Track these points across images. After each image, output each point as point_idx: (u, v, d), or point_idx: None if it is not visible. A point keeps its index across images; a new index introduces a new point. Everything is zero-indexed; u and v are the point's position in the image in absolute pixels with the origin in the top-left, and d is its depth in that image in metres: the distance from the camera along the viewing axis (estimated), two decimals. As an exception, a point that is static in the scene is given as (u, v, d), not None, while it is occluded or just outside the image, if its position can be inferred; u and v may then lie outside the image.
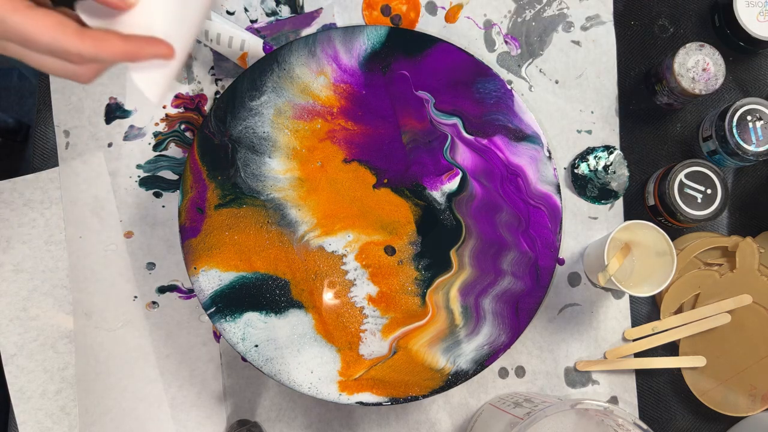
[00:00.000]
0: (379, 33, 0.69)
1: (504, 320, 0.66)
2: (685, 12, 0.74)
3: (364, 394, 0.64)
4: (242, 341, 0.65)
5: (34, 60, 0.41)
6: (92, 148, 0.72)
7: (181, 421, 0.69)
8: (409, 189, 0.69)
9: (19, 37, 0.38)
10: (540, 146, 0.68)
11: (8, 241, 0.70)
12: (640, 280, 0.67)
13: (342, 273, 0.67)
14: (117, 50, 0.39)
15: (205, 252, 0.66)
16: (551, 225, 0.67)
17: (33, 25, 0.38)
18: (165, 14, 0.41)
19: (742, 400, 0.68)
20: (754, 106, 0.66)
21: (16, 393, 0.69)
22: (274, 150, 0.68)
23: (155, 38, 0.41)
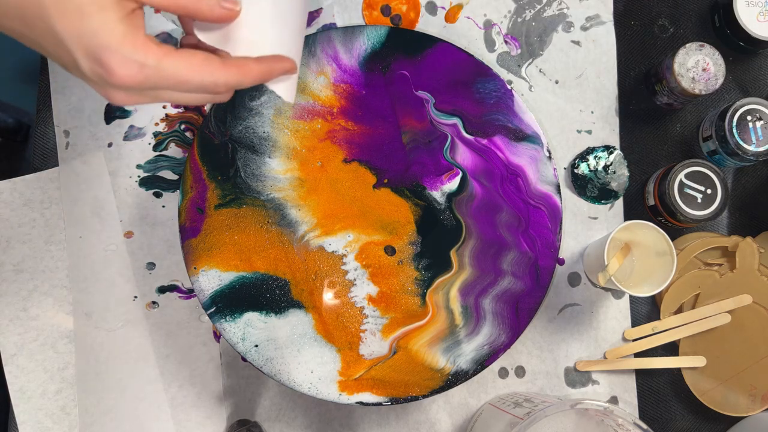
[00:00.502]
0: (379, 33, 0.69)
1: (504, 320, 0.66)
2: (685, 12, 0.74)
3: (364, 394, 0.64)
4: (242, 341, 0.65)
5: (183, 99, 0.41)
6: (92, 148, 0.72)
7: (181, 421, 0.69)
8: (409, 189, 0.69)
9: (175, 82, 0.39)
10: (540, 146, 0.68)
11: (8, 241, 0.70)
12: (640, 280, 0.67)
13: (342, 273, 0.67)
14: (255, 74, 0.41)
15: (205, 252, 0.66)
16: (551, 225, 0.67)
17: (186, 67, 0.39)
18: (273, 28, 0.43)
19: (742, 400, 0.68)
20: (754, 106, 0.66)
21: (16, 393, 0.69)
22: (274, 150, 0.68)
23: (280, 56, 0.43)
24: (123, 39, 0.37)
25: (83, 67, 0.37)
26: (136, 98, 0.40)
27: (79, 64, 0.37)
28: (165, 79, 0.38)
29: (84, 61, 0.37)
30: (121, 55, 0.37)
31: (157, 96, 0.40)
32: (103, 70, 0.37)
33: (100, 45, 0.36)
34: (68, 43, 0.36)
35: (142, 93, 0.40)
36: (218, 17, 0.41)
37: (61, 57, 0.38)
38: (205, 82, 0.40)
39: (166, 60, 0.38)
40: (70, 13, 0.36)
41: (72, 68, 0.39)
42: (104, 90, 0.39)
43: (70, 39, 0.36)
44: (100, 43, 0.36)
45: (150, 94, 0.40)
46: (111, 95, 0.40)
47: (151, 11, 0.72)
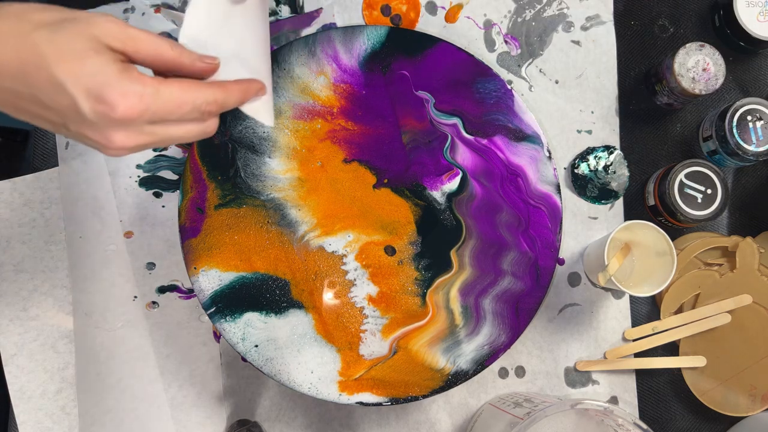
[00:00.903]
0: (379, 33, 0.69)
1: (504, 320, 0.66)
2: (685, 12, 0.74)
3: (364, 394, 0.64)
4: (242, 341, 0.65)
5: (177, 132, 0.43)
6: (92, 148, 0.72)
7: (181, 421, 0.69)
8: (409, 189, 0.69)
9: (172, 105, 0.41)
10: (540, 146, 0.68)
11: (8, 241, 0.70)
12: (640, 280, 0.67)
13: (342, 273, 0.67)
14: (236, 92, 0.45)
15: (205, 252, 0.66)
16: (551, 225, 0.67)
17: (179, 90, 0.41)
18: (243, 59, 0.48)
19: (742, 400, 0.68)
20: (754, 106, 0.66)
21: (16, 393, 0.69)
22: (274, 150, 0.68)
23: (253, 79, 0.47)
24: (120, 75, 0.39)
25: (84, 109, 0.39)
26: (134, 138, 0.41)
27: (79, 107, 0.39)
28: (164, 104, 0.40)
29: (85, 101, 0.38)
30: (120, 88, 0.39)
31: (154, 132, 0.42)
32: (105, 106, 0.39)
33: (100, 83, 0.38)
34: (69, 86, 0.38)
35: (139, 130, 0.41)
36: (200, 70, 0.44)
37: (59, 105, 0.39)
38: (197, 101, 0.42)
39: (162, 86, 0.40)
40: (69, 59, 0.38)
41: (69, 116, 0.40)
42: (103, 133, 0.40)
43: (71, 82, 0.38)
44: (99, 81, 0.38)
45: (147, 131, 0.41)
46: (111, 138, 0.41)
47: (151, 11, 0.72)
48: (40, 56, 0.38)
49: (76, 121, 0.40)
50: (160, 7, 0.72)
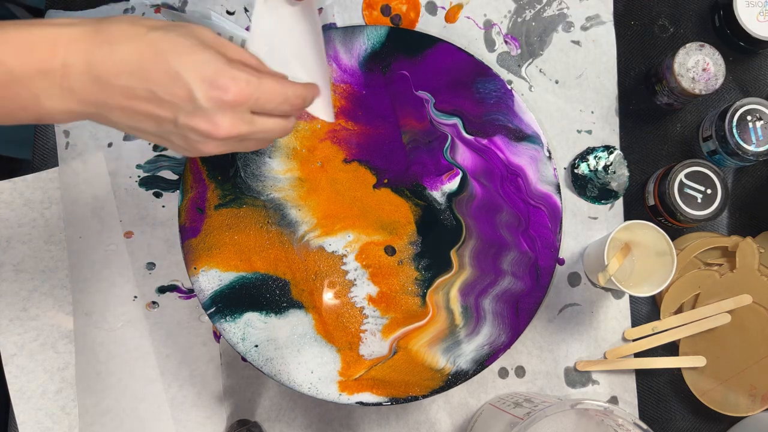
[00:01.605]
0: (379, 33, 0.69)
1: (504, 320, 0.66)
2: (685, 12, 0.74)
3: (364, 394, 0.64)
4: (242, 341, 0.65)
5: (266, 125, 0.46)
6: (92, 148, 0.72)
7: (181, 421, 0.69)
8: (409, 189, 0.69)
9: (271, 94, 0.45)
10: (540, 146, 0.68)
11: (8, 241, 0.70)
12: (640, 280, 0.67)
13: (342, 273, 0.67)
14: (313, 91, 0.49)
15: (205, 252, 0.66)
16: (551, 225, 0.67)
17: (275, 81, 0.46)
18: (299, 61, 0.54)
19: (742, 400, 0.68)
20: (754, 106, 0.66)
21: (16, 393, 0.69)
22: (274, 150, 0.68)
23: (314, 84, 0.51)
24: (228, 64, 0.44)
25: (198, 95, 0.42)
26: (237, 125, 0.44)
27: (194, 94, 0.42)
28: (265, 92, 0.45)
29: (200, 87, 0.42)
30: (230, 74, 0.43)
31: (253, 122, 0.45)
32: (218, 91, 0.43)
33: (213, 70, 0.43)
34: (185, 74, 0.42)
35: (243, 118, 0.44)
36: None
37: (174, 95, 0.42)
38: (288, 94, 0.46)
39: (262, 77, 0.45)
40: (183, 52, 0.42)
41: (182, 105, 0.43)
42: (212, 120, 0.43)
43: (187, 71, 0.42)
44: (212, 69, 0.43)
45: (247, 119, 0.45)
46: (218, 123, 0.44)
47: (151, 11, 0.72)
48: (158, 51, 0.42)
49: (187, 111, 0.43)
50: (160, 7, 0.72)
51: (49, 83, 0.42)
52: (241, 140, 0.46)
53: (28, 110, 0.43)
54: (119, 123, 0.44)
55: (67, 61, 0.42)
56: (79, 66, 0.42)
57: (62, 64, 0.42)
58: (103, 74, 0.42)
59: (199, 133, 0.44)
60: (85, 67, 0.42)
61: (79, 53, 0.42)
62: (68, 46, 0.42)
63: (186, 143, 0.45)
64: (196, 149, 0.46)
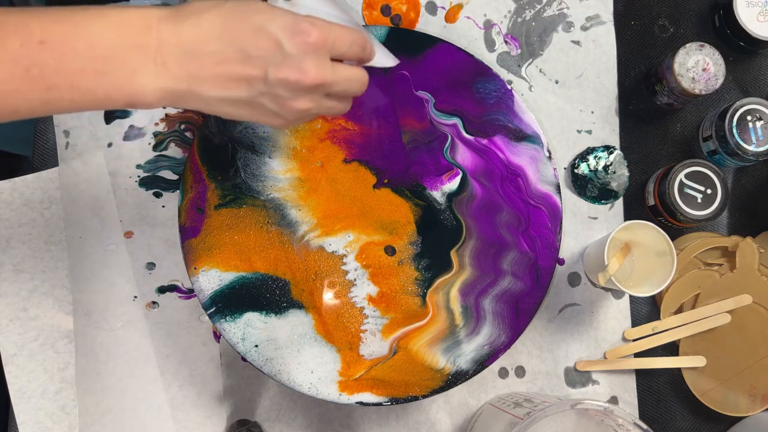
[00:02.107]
0: (379, 33, 0.69)
1: (504, 320, 0.66)
2: (685, 12, 0.74)
3: (364, 394, 0.64)
4: (242, 341, 0.65)
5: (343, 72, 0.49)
6: (92, 148, 0.72)
7: (181, 421, 0.69)
8: (410, 189, 0.69)
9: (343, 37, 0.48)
10: (540, 146, 0.68)
11: (8, 241, 0.70)
12: (640, 280, 0.67)
13: (342, 273, 0.67)
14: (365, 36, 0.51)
15: (205, 252, 0.66)
16: (551, 225, 0.67)
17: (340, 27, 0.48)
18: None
19: (742, 400, 0.68)
20: (754, 106, 0.66)
21: (16, 393, 0.69)
22: (274, 150, 0.68)
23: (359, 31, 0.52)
24: (300, 14, 0.47)
25: (285, 41, 0.45)
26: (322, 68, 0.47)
27: (281, 43, 0.45)
28: (336, 34, 0.47)
29: (285, 34, 0.45)
30: (307, 20, 0.46)
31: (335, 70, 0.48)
32: (301, 35, 0.45)
33: (292, 19, 0.46)
34: (270, 27, 0.45)
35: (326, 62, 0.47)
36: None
37: (262, 49, 0.45)
38: (355, 35, 0.49)
39: (330, 23, 0.48)
40: (262, 10, 0.46)
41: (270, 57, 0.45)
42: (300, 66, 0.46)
43: (270, 23, 0.45)
44: (291, 18, 0.46)
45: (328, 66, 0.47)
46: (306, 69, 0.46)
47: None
48: (239, 13, 0.45)
49: (276, 62, 0.46)
50: (160, 7, 0.72)
51: (145, 58, 0.44)
52: (326, 94, 0.49)
53: (123, 89, 0.45)
54: (211, 97, 0.46)
55: (161, 36, 0.44)
56: (171, 40, 0.44)
57: (156, 40, 0.44)
58: (193, 45, 0.45)
59: (289, 85, 0.46)
60: (177, 41, 0.44)
61: (169, 28, 0.44)
62: (159, 23, 0.44)
63: (277, 104, 0.47)
64: (287, 108, 0.48)
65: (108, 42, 0.44)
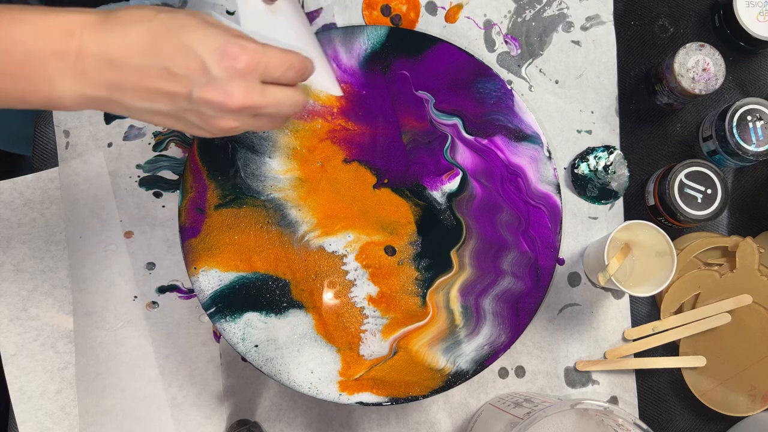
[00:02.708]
0: (379, 33, 0.69)
1: (504, 320, 0.66)
2: (685, 12, 0.74)
3: (364, 394, 0.64)
4: (242, 341, 0.65)
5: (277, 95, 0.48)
6: (92, 148, 0.72)
7: (181, 421, 0.69)
8: (410, 189, 0.69)
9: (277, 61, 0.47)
10: (540, 146, 0.68)
11: (8, 241, 0.70)
12: (640, 280, 0.67)
13: (342, 273, 0.67)
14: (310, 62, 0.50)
15: (205, 252, 0.66)
16: (551, 225, 0.67)
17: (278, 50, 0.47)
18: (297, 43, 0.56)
19: (742, 400, 0.68)
20: (754, 106, 0.66)
21: (16, 393, 0.69)
22: (274, 150, 0.68)
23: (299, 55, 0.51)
24: (237, 36, 0.45)
25: (211, 65, 0.44)
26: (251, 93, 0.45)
27: (207, 65, 0.44)
28: (271, 59, 0.46)
29: (212, 57, 0.44)
30: (239, 44, 0.45)
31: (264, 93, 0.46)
32: (229, 59, 0.44)
33: (223, 41, 0.44)
34: (197, 47, 0.44)
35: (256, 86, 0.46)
36: None
37: (187, 68, 0.44)
38: (292, 60, 0.48)
39: (266, 46, 0.46)
40: (192, 28, 0.44)
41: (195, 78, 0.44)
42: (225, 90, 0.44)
43: (198, 44, 0.44)
44: (222, 40, 0.44)
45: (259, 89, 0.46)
46: (231, 93, 0.45)
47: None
48: (168, 29, 0.44)
49: (201, 83, 0.44)
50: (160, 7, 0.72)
51: (64, 65, 0.43)
52: (255, 114, 0.47)
53: (39, 93, 0.44)
54: (133, 107, 0.45)
55: (82, 44, 0.43)
56: (93, 49, 0.43)
57: (77, 48, 0.43)
58: (117, 56, 0.43)
59: (214, 106, 0.45)
60: (99, 50, 0.43)
61: (92, 37, 0.43)
62: (83, 30, 0.43)
63: (201, 120, 0.46)
64: (211, 125, 0.46)
65: (25, 47, 0.43)
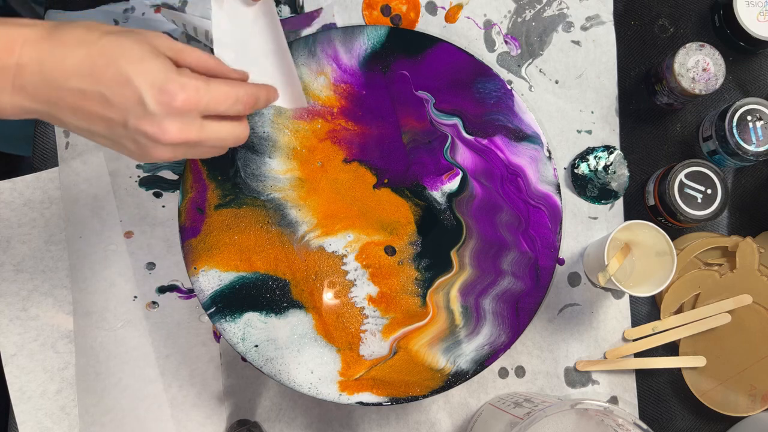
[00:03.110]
0: (379, 33, 0.69)
1: (504, 320, 0.66)
2: (685, 12, 0.74)
3: (364, 394, 0.64)
4: (242, 341, 0.65)
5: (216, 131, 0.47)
6: (92, 148, 0.72)
7: (181, 421, 0.69)
8: (410, 189, 0.69)
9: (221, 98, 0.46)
10: (540, 146, 0.68)
11: (8, 241, 0.70)
12: (640, 280, 0.67)
13: (342, 273, 0.67)
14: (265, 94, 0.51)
15: (205, 252, 0.66)
16: (551, 225, 0.67)
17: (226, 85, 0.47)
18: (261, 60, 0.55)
19: (742, 400, 0.68)
20: (754, 106, 0.66)
21: (16, 393, 0.69)
22: (274, 150, 0.68)
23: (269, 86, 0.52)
24: (179, 72, 0.45)
25: (147, 99, 0.43)
26: (186, 131, 0.45)
27: (143, 99, 0.43)
28: (214, 95, 0.46)
29: (149, 92, 0.43)
30: (179, 81, 0.44)
31: (202, 128, 0.46)
32: (167, 96, 0.44)
33: (163, 77, 0.44)
34: (134, 79, 0.43)
35: (193, 123, 0.45)
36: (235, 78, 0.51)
37: (123, 99, 0.44)
38: (240, 93, 0.47)
39: (211, 81, 0.46)
40: (134, 59, 0.44)
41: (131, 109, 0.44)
42: (160, 125, 0.44)
43: (137, 76, 0.43)
44: (162, 76, 0.44)
45: (197, 125, 0.46)
46: (166, 129, 0.44)
47: (151, 11, 0.72)
48: (109, 56, 0.43)
49: (137, 114, 0.44)
50: (160, 7, 0.72)
51: (3, 79, 0.43)
52: (193, 146, 0.47)
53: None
54: (70, 124, 0.45)
55: (21, 61, 0.43)
56: (32, 67, 0.43)
57: (16, 64, 0.43)
58: (55, 76, 0.43)
59: (148, 138, 0.45)
60: (38, 68, 0.43)
61: (32, 54, 0.43)
62: (23, 46, 0.43)
63: (136, 147, 0.46)
64: (146, 153, 0.46)
65: None
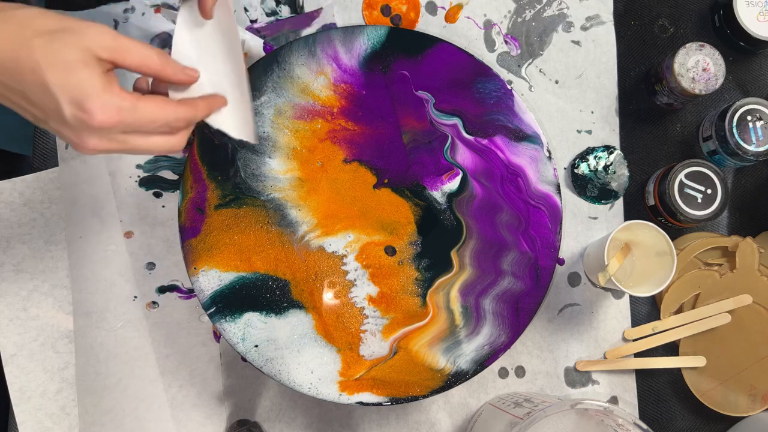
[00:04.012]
0: (379, 33, 0.69)
1: (504, 320, 0.66)
2: (685, 12, 0.74)
3: (364, 394, 0.64)
4: (242, 341, 0.65)
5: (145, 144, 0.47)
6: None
7: (181, 421, 0.69)
8: (410, 189, 0.69)
9: (146, 120, 0.45)
10: (540, 146, 0.68)
11: (8, 241, 0.70)
12: (640, 280, 0.67)
13: (342, 273, 0.67)
14: (202, 108, 0.49)
15: (205, 252, 0.66)
16: (551, 225, 0.67)
17: (154, 106, 0.46)
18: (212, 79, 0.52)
19: (742, 400, 0.68)
20: (754, 106, 0.66)
21: (16, 393, 0.69)
22: (274, 150, 0.68)
23: (216, 95, 0.51)
24: (103, 89, 0.43)
25: (66, 113, 0.43)
26: (106, 144, 0.45)
27: (62, 110, 0.43)
28: (138, 119, 0.45)
29: (68, 107, 0.43)
30: (101, 101, 0.43)
31: (125, 142, 0.46)
32: (84, 114, 0.43)
33: (84, 93, 0.43)
34: (55, 91, 0.42)
35: (112, 138, 0.45)
36: (180, 81, 0.49)
37: (44, 104, 0.43)
38: (168, 118, 0.46)
39: (139, 102, 0.45)
40: (59, 68, 0.42)
41: (51, 115, 0.44)
42: (79, 135, 0.44)
43: (58, 88, 0.42)
44: (83, 92, 0.43)
45: (119, 139, 0.45)
46: (84, 140, 0.44)
47: (151, 11, 0.72)
48: (34, 61, 0.42)
49: (56, 120, 0.44)
50: (160, 7, 0.72)
51: None
52: (117, 152, 0.46)
53: None
54: (7, 106, 0.45)
55: None
56: None
57: None
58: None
59: (69, 141, 0.45)
60: None
61: None
62: None
63: (68, 140, 0.46)
64: (79, 147, 0.46)
65: None
